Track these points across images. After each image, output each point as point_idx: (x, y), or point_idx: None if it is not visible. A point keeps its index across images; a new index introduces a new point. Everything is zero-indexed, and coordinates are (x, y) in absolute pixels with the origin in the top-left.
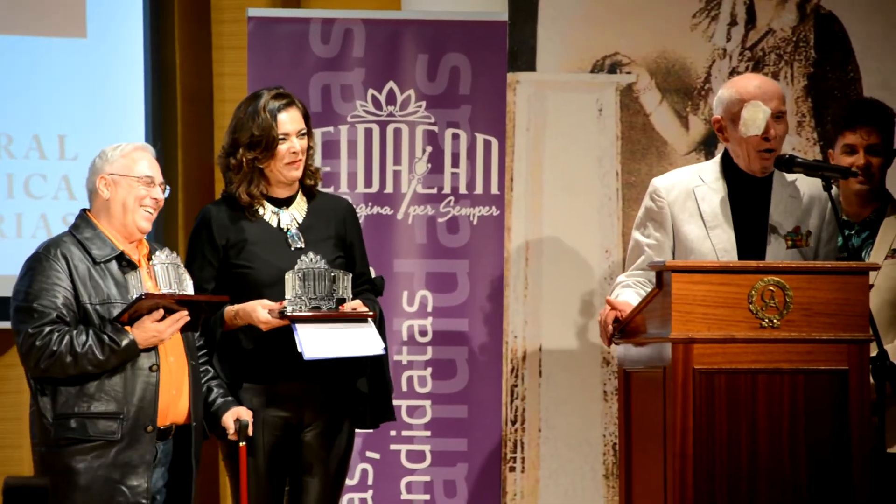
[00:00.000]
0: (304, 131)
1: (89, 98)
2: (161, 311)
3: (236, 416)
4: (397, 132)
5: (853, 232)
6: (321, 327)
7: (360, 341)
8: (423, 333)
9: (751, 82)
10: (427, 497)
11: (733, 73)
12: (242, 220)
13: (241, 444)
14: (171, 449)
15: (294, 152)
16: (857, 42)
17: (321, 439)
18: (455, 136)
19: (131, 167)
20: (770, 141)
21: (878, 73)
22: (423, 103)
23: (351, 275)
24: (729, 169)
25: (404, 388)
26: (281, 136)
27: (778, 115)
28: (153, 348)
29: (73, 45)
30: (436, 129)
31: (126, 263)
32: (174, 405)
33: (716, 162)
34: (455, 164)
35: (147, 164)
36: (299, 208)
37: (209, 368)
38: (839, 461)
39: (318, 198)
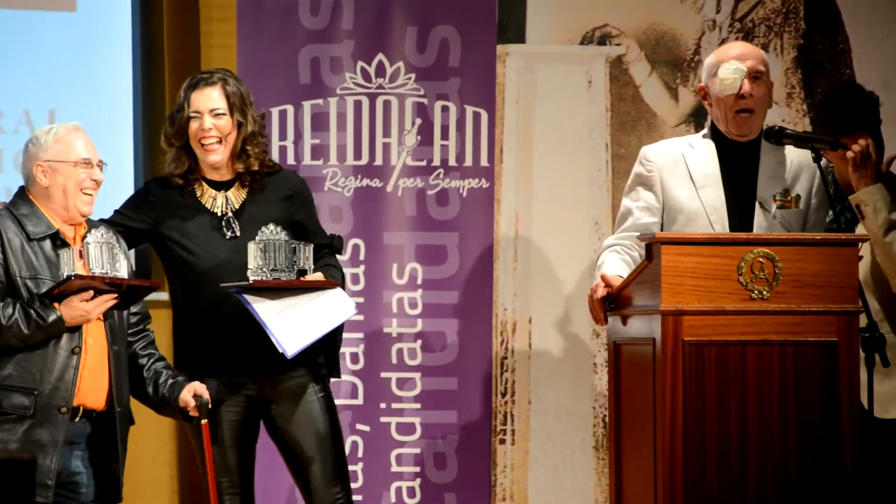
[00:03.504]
0: (221, 111)
1: (79, 72)
2: (91, 292)
3: (193, 391)
4: (387, 104)
5: (846, 205)
6: (289, 310)
7: (331, 309)
8: (413, 306)
9: (731, 46)
10: (417, 469)
11: (723, 44)
12: (180, 200)
13: (203, 421)
14: (87, 431)
15: (203, 129)
16: (846, 13)
17: (295, 416)
18: (444, 109)
19: (67, 152)
20: (745, 99)
21: (868, 43)
22: (413, 75)
23: (312, 245)
24: (717, 137)
25: (394, 360)
26: (192, 114)
27: (756, 76)
28: (78, 331)
29: (63, 19)
30: (425, 101)
31: (60, 243)
32: (85, 388)
33: (704, 132)
34: (444, 136)
35: (83, 145)
36: (236, 194)
37: (153, 352)
38: (828, 432)
39: (262, 180)
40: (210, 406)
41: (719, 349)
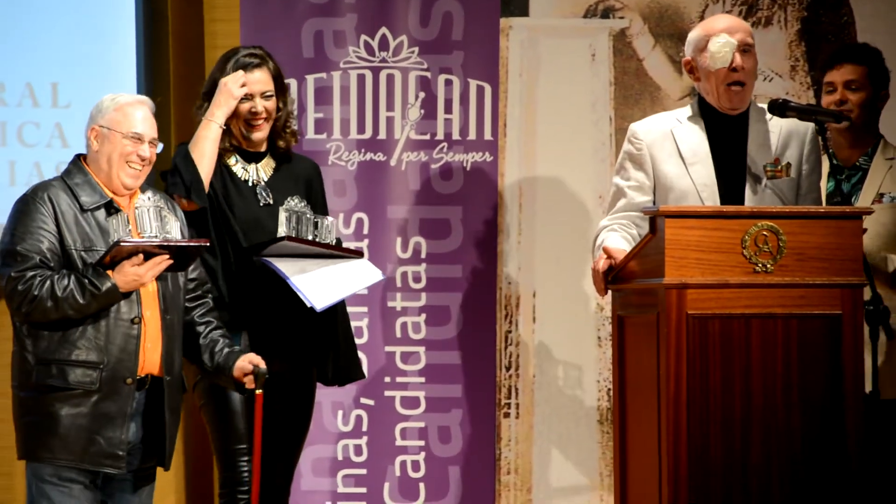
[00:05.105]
0: (270, 93)
1: (82, 45)
2: (141, 256)
3: (249, 360)
4: (390, 78)
5: (843, 177)
6: (315, 270)
7: (358, 273)
8: (417, 279)
9: (717, 19)
10: (422, 443)
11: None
12: (216, 168)
13: (258, 392)
14: (144, 400)
15: (254, 112)
16: None
17: (288, 386)
18: (448, 82)
19: (121, 122)
20: (737, 72)
21: (872, 16)
22: (416, 49)
23: (334, 221)
24: (705, 109)
25: (398, 334)
26: (244, 96)
27: (745, 49)
28: (136, 301)
29: None
30: (428, 74)
31: (113, 211)
32: (149, 358)
33: (691, 105)
34: (448, 110)
35: (140, 119)
36: (266, 166)
37: (211, 320)
38: (832, 406)
39: (287, 157)
40: (267, 377)
41: (723, 322)
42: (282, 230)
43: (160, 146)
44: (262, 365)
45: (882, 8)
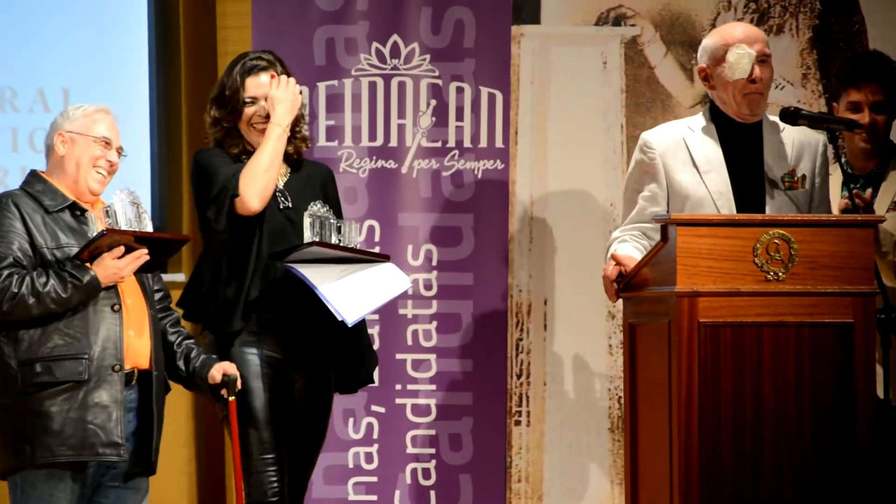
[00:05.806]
0: None
1: (94, 52)
2: (122, 249)
3: (222, 370)
4: (401, 85)
5: (858, 186)
6: (343, 279)
7: (386, 281)
8: (429, 287)
9: (734, 28)
10: (433, 451)
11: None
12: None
13: (231, 398)
14: (136, 396)
15: (260, 115)
16: None
17: (307, 395)
18: (459, 90)
19: (90, 127)
20: (756, 83)
21: (884, 24)
22: (428, 56)
23: (357, 224)
24: (718, 118)
25: (409, 342)
26: (248, 100)
27: (763, 59)
28: (114, 289)
29: None
30: (440, 82)
31: (79, 212)
32: (134, 347)
33: (703, 113)
34: (459, 117)
35: (106, 126)
36: (281, 171)
37: (181, 329)
38: (844, 414)
39: (299, 163)
40: (238, 385)
41: (734, 330)
42: (307, 235)
43: (125, 155)
44: (235, 372)
45: (894, 15)
